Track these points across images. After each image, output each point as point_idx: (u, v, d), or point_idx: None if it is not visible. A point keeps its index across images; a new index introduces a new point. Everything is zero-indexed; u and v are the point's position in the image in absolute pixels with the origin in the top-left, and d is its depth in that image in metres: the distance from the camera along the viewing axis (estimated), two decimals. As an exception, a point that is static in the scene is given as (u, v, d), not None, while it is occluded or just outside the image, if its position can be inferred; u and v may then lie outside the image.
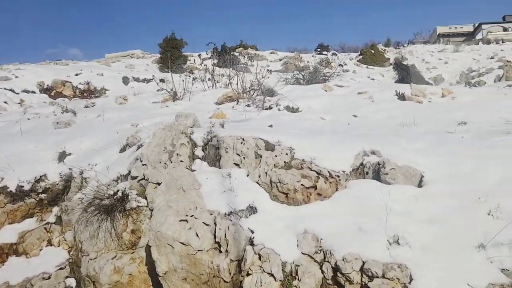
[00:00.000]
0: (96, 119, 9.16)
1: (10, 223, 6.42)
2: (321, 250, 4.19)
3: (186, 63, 29.74)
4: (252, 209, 4.64)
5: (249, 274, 4.12)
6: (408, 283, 3.71)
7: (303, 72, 20.35)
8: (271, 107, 8.87)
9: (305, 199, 4.86)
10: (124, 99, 11.53)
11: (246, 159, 5.32)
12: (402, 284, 3.71)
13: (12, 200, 6.49)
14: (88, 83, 21.98)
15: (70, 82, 21.96)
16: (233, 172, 5.14)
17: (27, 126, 9.09)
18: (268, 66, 30.75)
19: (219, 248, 4.24)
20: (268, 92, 9.78)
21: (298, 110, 8.64)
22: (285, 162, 5.20)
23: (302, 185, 4.87)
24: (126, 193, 5.28)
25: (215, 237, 4.23)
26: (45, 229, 6.19)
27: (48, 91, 21.32)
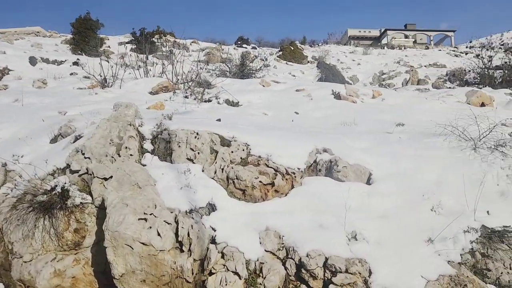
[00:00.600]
0: (13, 104, 8.18)
1: None
2: (284, 247, 4.23)
3: (102, 46, 27.95)
4: (211, 207, 4.52)
5: (212, 273, 4.01)
6: (368, 277, 3.90)
7: (229, 65, 20.31)
8: (211, 100, 8.69)
9: (263, 196, 4.86)
10: (43, 83, 10.45)
11: (201, 154, 5.15)
12: (363, 278, 3.89)
13: None
14: (-14, 62, 19.50)
15: (-39, 60, 19.32)
16: (185, 168, 4.94)
17: None
18: (190, 55, 30.12)
19: (180, 248, 4.06)
20: (205, 84, 9.57)
21: (238, 104, 8.58)
22: (241, 158, 5.14)
23: (260, 182, 4.85)
24: (67, 189, 4.81)
25: (177, 236, 4.04)
26: (-45, 229, 5.40)
27: None
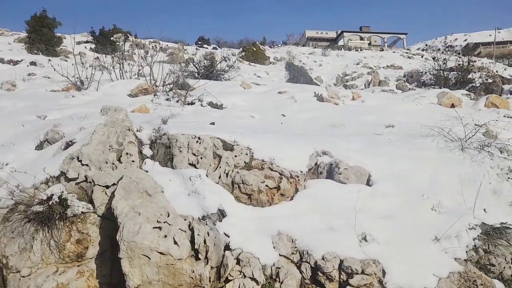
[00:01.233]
0: (-16, 107, 7.68)
1: None
2: (297, 251, 4.26)
3: (60, 45, 26.76)
4: (221, 212, 4.47)
5: (229, 280, 3.98)
6: (382, 277, 4.01)
7: (197, 66, 20.05)
8: (194, 102, 8.56)
9: (269, 200, 4.86)
10: (12, 85, 9.85)
11: (203, 159, 5.07)
12: (378, 278, 3.99)
13: None
14: None
15: None
16: (191, 173, 4.86)
17: None
18: (151, 55, 29.50)
19: (195, 256, 3.99)
20: (186, 86, 9.41)
21: (222, 106, 8.51)
22: (245, 162, 5.12)
23: (266, 186, 4.85)
24: (65, 198, 4.59)
25: (193, 244, 3.96)
26: None
27: None
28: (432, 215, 4.75)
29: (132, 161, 4.86)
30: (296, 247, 4.27)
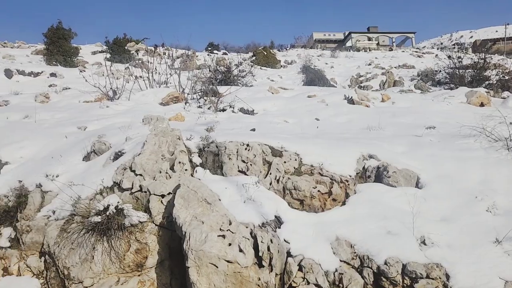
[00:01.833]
0: (24, 120, 7.79)
1: None
2: (357, 256, 4.25)
3: (77, 56, 27.07)
4: (278, 219, 4.49)
5: (292, 286, 3.99)
6: (447, 281, 3.97)
7: (214, 72, 20.11)
8: (225, 109, 8.61)
9: (321, 206, 4.86)
10: (45, 97, 10.00)
11: (253, 166, 5.10)
12: (442, 282, 3.96)
13: None
14: (-40, 75, 18.48)
15: None
16: (243, 180, 4.89)
17: None
18: (166, 63, 29.71)
19: (258, 263, 4.00)
20: (215, 93, 9.47)
21: (253, 112, 8.54)
22: (294, 168, 5.13)
23: (318, 191, 4.86)
24: (121, 208, 4.65)
25: (256, 251, 3.98)
26: (-4, 255, 5.11)
27: None
28: (488, 217, 4.70)
29: (186, 170, 4.91)
30: (355, 252, 4.26)
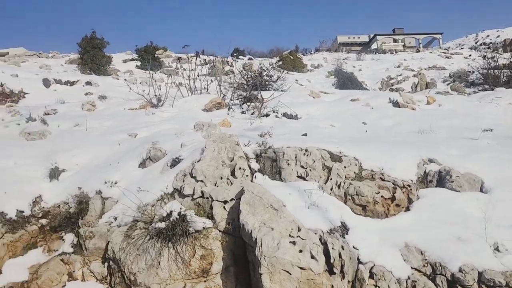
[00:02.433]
0: (74, 128, 7.99)
1: (11, 257, 5.32)
2: (428, 263, 4.13)
3: (110, 64, 27.71)
4: (343, 225, 4.42)
5: (364, 294, 3.91)
6: (526, 290, 3.82)
7: (246, 77, 20.21)
8: (268, 114, 8.62)
9: (385, 211, 4.77)
10: (92, 105, 10.26)
11: (313, 171, 5.06)
12: (522, 292, 3.81)
13: (12, 228, 5.40)
14: (1, 85, 19.16)
15: (-23, 84, 18.97)
16: (304, 186, 4.86)
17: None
18: (194, 69, 30.05)
19: (328, 270, 3.95)
20: (257, 99, 9.49)
21: (297, 117, 8.52)
22: (355, 173, 5.06)
23: (382, 196, 4.77)
24: (183, 214, 4.67)
25: (327, 258, 3.93)
26: (61, 260, 5.23)
27: None
28: None
29: (247, 175, 4.91)
30: (426, 259, 4.15)
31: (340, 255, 3.91)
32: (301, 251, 3.87)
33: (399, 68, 35.34)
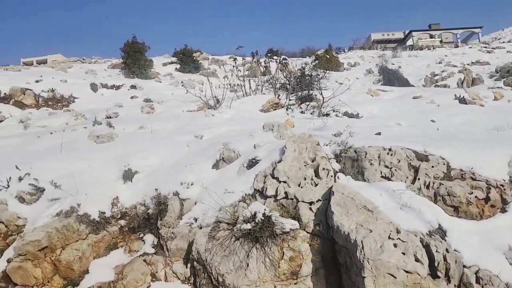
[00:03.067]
0: (139, 131, 8.14)
1: (95, 257, 5.45)
2: (536, 267, 3.90)
3: (151, 68, 28.28)
4: (440, 227, 4.24)
5: (472, 300, 3.73)
6: None
7: (288, 77, 20.09)
8: (329, 113, 8.49)
9: (480, 212, 4.54)
10: (151, 108, 10.47)
11: (398, 171, 4.90)
12: None
13: (95, 229, 5.52)
14: (53, 91, 19.91)
15: (31, 90, 19.74)
16: (390, 186, 4.70)
17: (54, 142, 7.83)
18: (233, 71, 30.19)
19: (431, 274, 3.79)
20: (310, 98, 9.38)
21: (358, 116, 8.34)
22: (443, 173, 4.86)
23: (476, 197, 4.55)
24: (268, 215, 4.62)
25: (430, 261, 3.77)
26: (144, 261, 5.30)
27: (4, 100, 19.05)
28: None
29: (331, 176, 4.81)
30: (533, 263, 3.92)
31: (445, 258, 3.74)
32: (404, 254, 3.73)
33: (440, 64, 34.24)
